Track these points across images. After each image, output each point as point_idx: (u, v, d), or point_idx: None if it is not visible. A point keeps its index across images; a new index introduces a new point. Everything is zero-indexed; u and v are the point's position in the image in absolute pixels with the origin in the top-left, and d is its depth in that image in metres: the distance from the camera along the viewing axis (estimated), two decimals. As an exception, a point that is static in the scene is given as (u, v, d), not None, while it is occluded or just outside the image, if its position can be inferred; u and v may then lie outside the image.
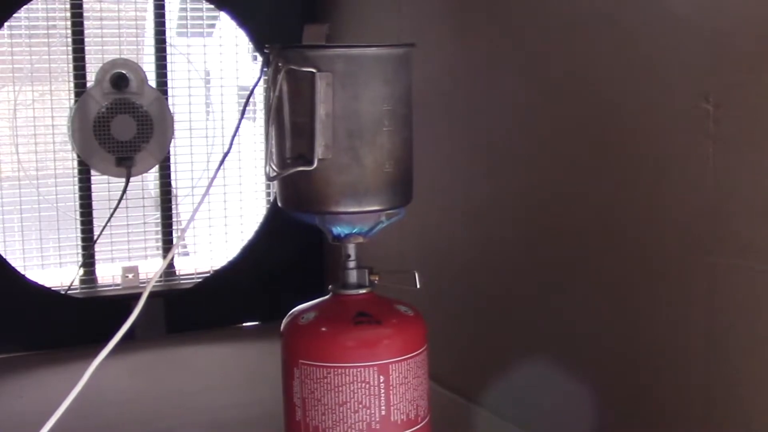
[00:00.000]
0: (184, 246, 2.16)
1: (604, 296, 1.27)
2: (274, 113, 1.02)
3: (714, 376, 1.10)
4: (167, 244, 1.96)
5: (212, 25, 2.04)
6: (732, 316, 1.08)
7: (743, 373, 1.07)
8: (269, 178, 1.04)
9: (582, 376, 1.28)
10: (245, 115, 2.07)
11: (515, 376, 1.40)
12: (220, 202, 2.01)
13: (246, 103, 1.03)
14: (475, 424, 1.46)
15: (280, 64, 1.01)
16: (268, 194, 2.04)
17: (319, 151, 1.01)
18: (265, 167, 1.03)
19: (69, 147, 1.86)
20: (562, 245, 1.34)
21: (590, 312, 1.29)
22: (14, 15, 1.80)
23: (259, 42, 1.95)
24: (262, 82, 1.04)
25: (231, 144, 1.07)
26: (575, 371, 1.29)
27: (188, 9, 2.01)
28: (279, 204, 1.08)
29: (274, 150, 1.04)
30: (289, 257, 1.99)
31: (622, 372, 1.24)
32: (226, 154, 1.08)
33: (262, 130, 2.02)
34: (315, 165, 1.01)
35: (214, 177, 1.06)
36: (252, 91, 1.06)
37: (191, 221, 1.30)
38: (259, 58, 1.98)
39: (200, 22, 2.01)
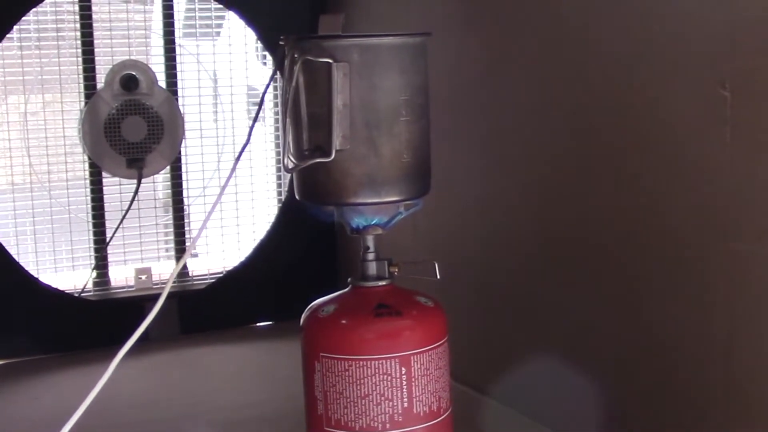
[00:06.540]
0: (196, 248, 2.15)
1: (621, 284, 1.26)
2: (291, 105, 1.02)
3: (735, 361, 1.10)
4: (180, 245, 1.96)
5: (220, 25, 2.04)
6: (752, 301, 1.07)
7: (765, 358, 1.06)
8: (287, 170, 1.03)
9: (597, 369, 1.28)
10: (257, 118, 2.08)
11: (528, 369, 1.39)
12: (232, 202, 2.00)
13: (263, 99, 1.02)
14: (486, 416, 1.45)
15: (296, 55, 1.00)
16: (280, 194, 2.03)
17: (336, 142, 1.00)
18: (283, 159, 1.03)
19: (80, 150, 1.86)
20: (578, 236, 1.33)
21: (607, 301, 1.28)
22: (23, 18, 1.80)
23: (267, 41, 1.94)
24: (277, 75, 1.03)
25: (249, 134, 1.06)
26: (591, 363, 1.29)
27: (196, 9, 2.00)
28: (297, 196, 1.07)
29: (291, 142, 1.03)
30: (301, 257, 1.98)
31: (640, 362, 1.23)
32: (244, 146, 1.07)
33: (272, 131, 2.02)
34: (333, 156, 1.00)
35: (233, 170, 1.05)
36: (267, 88, 1.05)
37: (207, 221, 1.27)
38: (268, 58, 1.98)
39: (209, 22, 2.01)
